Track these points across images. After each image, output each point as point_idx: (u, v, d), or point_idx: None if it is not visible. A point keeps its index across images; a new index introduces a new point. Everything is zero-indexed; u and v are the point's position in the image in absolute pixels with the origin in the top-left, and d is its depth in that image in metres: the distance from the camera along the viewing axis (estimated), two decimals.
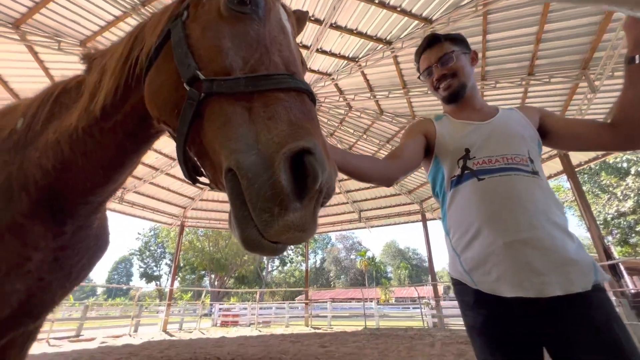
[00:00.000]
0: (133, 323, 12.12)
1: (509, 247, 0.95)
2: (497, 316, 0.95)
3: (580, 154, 9.04)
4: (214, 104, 0.59)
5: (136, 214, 13.81)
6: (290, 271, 55.53)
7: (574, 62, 6.87)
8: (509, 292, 0.91)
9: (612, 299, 0.94)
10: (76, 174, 0.82)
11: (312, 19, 6.77)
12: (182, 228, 15.11)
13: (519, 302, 0.90)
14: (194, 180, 0.69)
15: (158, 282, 47.29)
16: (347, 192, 15.02)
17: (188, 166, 0.65)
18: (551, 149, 7.46)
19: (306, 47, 7.34)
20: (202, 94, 0.59)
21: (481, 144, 1.12)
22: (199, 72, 0.61)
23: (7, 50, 6.58)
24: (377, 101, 9.36)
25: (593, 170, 23.46)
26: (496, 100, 7.91)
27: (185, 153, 0.63)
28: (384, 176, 1.09)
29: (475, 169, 1.09)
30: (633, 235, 22.09)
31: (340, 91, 9.25)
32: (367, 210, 15.78)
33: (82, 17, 6.34)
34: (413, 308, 23.42)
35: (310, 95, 0.62)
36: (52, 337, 9.45)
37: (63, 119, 0.85)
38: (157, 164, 11.90)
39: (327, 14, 6.60)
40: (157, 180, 12.61)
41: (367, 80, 8.63)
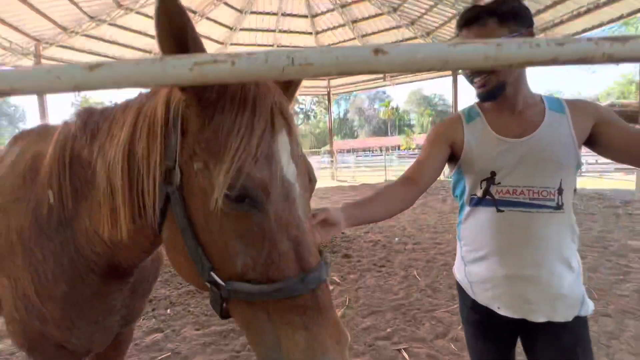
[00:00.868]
0: None
1: (509, 278, 1.06)
2: (488, 320, 1.14)
3: None
4: (235, 304, 0.65)
5: None
6: (315, 123, 57.47)
7: None
8: (500, 310, 1.08)
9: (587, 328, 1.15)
10: (127, 254, 0.93)
11: None
12: None
13: (506, 318, 1.12)
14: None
15: None
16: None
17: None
18: None
19: None
20: (222, 293, 0.63)
21: (509, 169, 1.06)
22: (215, 276, 0.63)
23: None
24: None
25: None
26: None
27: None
28: (401, 209, 1.12)
29: (497, 197, 1.07)
30: None
31: None
32: None
33: None
34: None
35: (323, 283, 0.64)
36: None
37: (91, 207, 0.87)
38: None
39: None
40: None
41: None
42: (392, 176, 16.64)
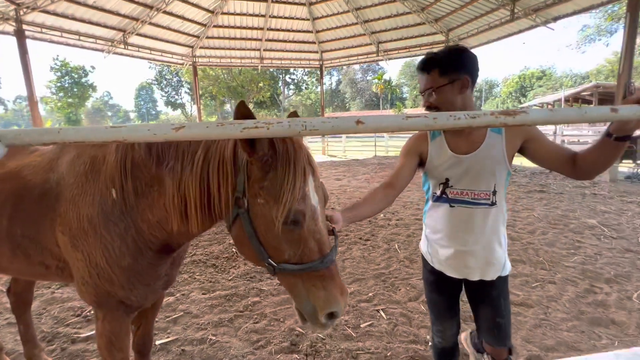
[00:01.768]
0: None
1: (457, 252, 1.47)
2: (440, 279, 1.57)
3: None
4: (282, 275, 1.05)
5: (145, 56, 13.44)
6: (307, 94, 56.44)
7: None
8: (449, 273, 1.52)
9: (507, 284, 1.54)
10: (182, 239, 1.31)
11: None
12: (195, 69, 14.91)
13: (453, 278, 1.56)
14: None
15: (183, 109, 50.35)
16: (366, 22, 13.36)
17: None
18: None
19: None
20: (275, 270, 1.03)
21: (458, 177, 1.43)
22: (271, 260, 1.02)
23: None
24: None
25: None
26: None
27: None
28: (384, 208, 1.49)
29: (450, 197, 1.46)
30: None
31: None
32: (386, 42, 14.47)
33: None
34: None
35: (331, 262, 1.03)
36: None
37: (153, 205, 1.19)
38: (149, 0, 10.52)
39: None
40: (157, 20, 11.51)
41: None
42: (381, 152, 17.01)
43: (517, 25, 10.82)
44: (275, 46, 15.17)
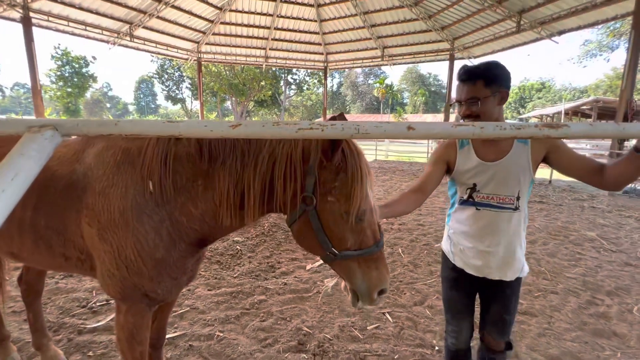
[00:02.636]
0: None
1: (479, 252, 1.55)
2: (460, 276, 1.64)
3: None
4: (340, 261, 1.17)
5: (150, 50, 13.40)
6: (307, 95, 56.45)
7: None
8: (469, 270, 1.59)
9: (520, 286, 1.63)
10: (223, 233, 1.35)
11: None
12: (199, 65, 14.89)
13: (472, 276, 1.60)
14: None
15: (183, 104, 50.13)
16: (372, 26, 13.44)
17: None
18: None
19: None
20: (336, 257, 1.16)
21: (485, 182, 1.51)
22: (334, 250, 1.14)
23: None
24: None
25: None
26: None
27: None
28: (414, 209, 1.58)
29: (476, 200, 1.55)
30: None
31: None
32: (391, 47, 14.56)
33: None
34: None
35: (381, 246, 1.19)
36: None
37: (196, 198, 1.23)
38: None
39: None
40: (164, 14, 11.48)
41: None
42: (381, 156, 17.06)
43: (522, 37, 10.95)
44: (280, 46, 15.20)
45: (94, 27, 10.98)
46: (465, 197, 1.58)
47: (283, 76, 47.14)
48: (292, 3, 12.72)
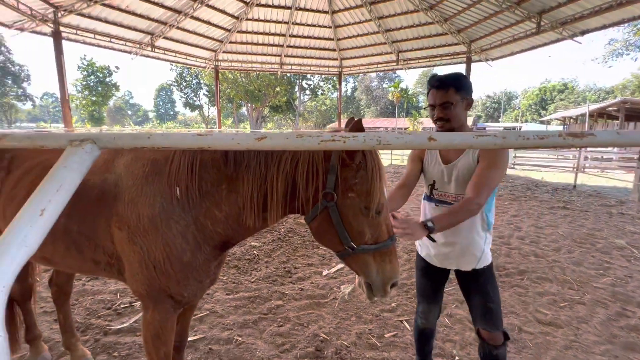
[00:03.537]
0: None
1: (439, 244, 1.70)
2: (427, 266, 1.83)
3: None
4: (357, 255, 1.23)
5: (169, 59, 13.85)
6: (322, 100, 56.71)
7: None
8: (432, 261, 1.79)
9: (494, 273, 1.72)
10: (246, 234, 1.39)
11: None
12: (216, 72, 15.27)
13: (436, 267, 1.79)
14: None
15: (200, 111, 51.42)
16: (387, 30, 13.42)
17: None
18: None
19: None
20: (354, 252, 1.22)
21: (442, 182, 1.69)
22: (352, 244, 1.20)
23: None
24: None
25: None
26: None
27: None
28: (403, 204, 1.76)
29: (435, 197, 1.72)
30: None
31: None
32: (406, 51, 14.48)
33: None
34: None
35: (395, 240, 1.25)
36: None
37: (220, 202, 1.28)
38: (179, 5, 10.88)
39: None
40: (183, 24, 11.88)
41: None
42: (396, 160, 16.90)
43: (542, 38, 10.65)
44: (295, 52, 15.39)
45: (118, 39, 11.46)
46: (428, 193, 1.76)
47: (297, 82, 47.67)
48: (307, 10, 12.88)
